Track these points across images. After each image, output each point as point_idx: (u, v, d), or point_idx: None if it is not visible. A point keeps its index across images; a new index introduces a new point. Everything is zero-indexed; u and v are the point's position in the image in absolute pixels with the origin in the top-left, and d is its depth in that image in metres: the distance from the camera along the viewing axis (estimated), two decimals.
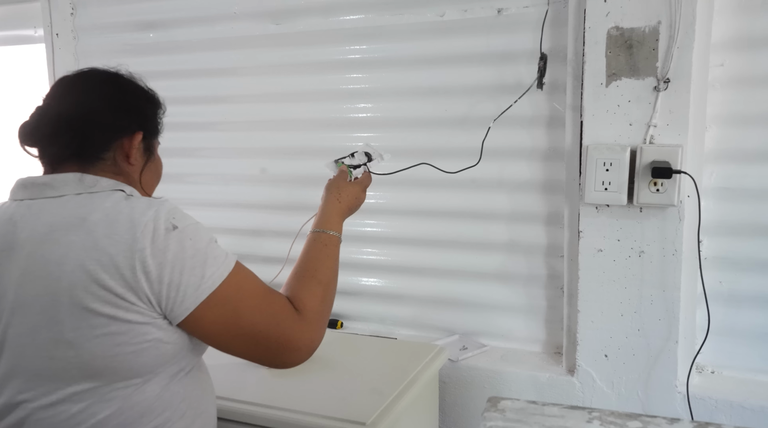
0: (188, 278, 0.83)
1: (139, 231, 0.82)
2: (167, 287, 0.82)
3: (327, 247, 1.05)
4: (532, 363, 1.54)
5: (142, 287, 0.81)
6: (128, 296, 0.81)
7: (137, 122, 0.96)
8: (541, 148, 1.50)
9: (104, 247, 0.81)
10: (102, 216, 0.84)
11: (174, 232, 0.83)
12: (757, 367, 1.39)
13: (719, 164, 1.35)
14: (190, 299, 0.83)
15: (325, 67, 1.67)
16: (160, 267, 0.81)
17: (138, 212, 0.84)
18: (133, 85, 0.99)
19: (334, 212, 1.12)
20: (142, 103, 0.98)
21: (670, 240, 1.31)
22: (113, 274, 0.81)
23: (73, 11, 1.95)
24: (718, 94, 1.32)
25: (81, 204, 0.86)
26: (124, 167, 0.95)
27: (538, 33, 1.45)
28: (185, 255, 0.83)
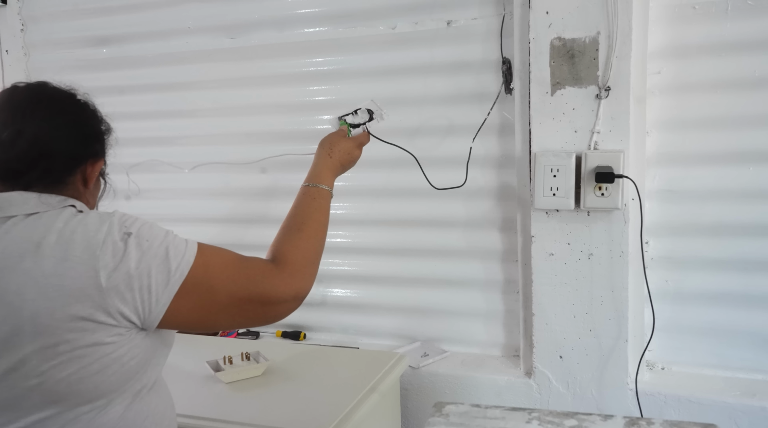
0: (156, 277, 0.83)
1: (99, 249, 0.81)
2: (139, 292, 0.82)
3: (315, 200, 1.06)
4: (492, 367, 1.57)
5: (113, 303, 0.81)
6: (96, 317, 0.80)
7: (101, 149, 0.95)
8: (494, 155, 1.54)
9: (64, 272, 0.80)
10: (56, 239, 0.82)
11: (130, 239, 0.83)
12: (704, 362, 1.44)
13: (661, 168, 1.40)
14: (165, 296, 0.83)
15: (281, 80, 1.69)
16: (127, 277, 0.81)
17: (92, 230, 0.83)
18: (91, 109, 0.96)
19: (324, 166, 1.12)
20: (102, 128, 0.97)
21: (616, 242, 1.36)
22: (78, 297, 0.79)
23: (24, 27, 1.92)
24: (657, 100, 1.37)
25: (32, 227, 0.84)
26: (76, 190, 0.93)
27: (488, 43, 1.49)
28: (146, 256, 0.83)
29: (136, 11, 1.78)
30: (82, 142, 0.92)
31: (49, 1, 1.88)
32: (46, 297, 0.79)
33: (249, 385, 1.35)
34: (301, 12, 1.64)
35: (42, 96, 0.92)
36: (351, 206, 1.69)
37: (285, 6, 1.65)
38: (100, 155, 0.95)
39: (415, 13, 1.54)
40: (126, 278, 0.81)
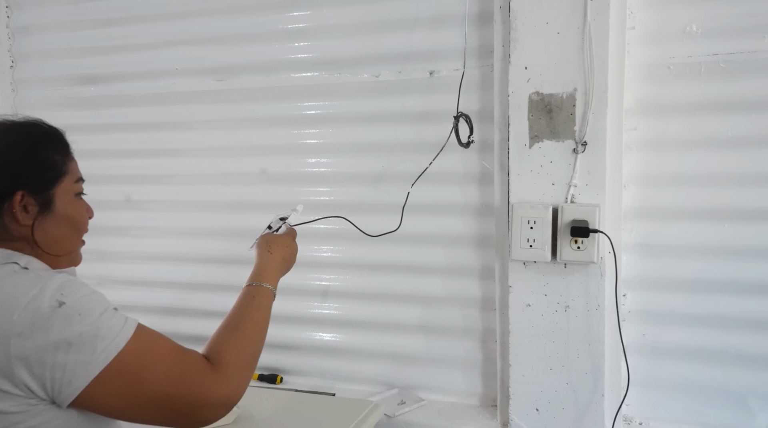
0: (76, 356, 0.78)
1: (17, 314, 0.77)
2: (51, 369, 0.77)
3: (255, 299, 1.03)
4: (468, 418, 1.55)
5: (19, 373, 0.77)
6: (3, 386, 0.77)
7: (12, 183, 0.88)
8: (473, 204, 1.55)
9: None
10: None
11: (60, 309, 0.78)
12: (681, 418, 1.43)
13: (638, 221, 1.41)
14: (80, 378, 0.78)
15: (267, 123, 1.71)
16: (41, 351, 0.77)
17: (19, 292, 0.79)
18: (5, 141, 0.90)
19: (266, 264, 1.11)
20: (15, 158, 0.89)
21: (593, 295, 1.36)
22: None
23: (13, 64, 1.94)
24: (634, 155, 1.39)
25: None
26: (16, 230, 0.88)
27: (468, 94, 1.51)
28: (72, 332, 0.78)
29: (124, 52, 1.81)
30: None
31: (40, 40, 1.91)
32: None
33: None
34: (288, 58, 1.67)
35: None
36: (330, 249, 1.69)
37: (272, 52, 1.68)
38: (17, 189, 0.87)
39: (399, 62, 1.56)
40: (38, 351, 0.76)
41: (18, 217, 0.87)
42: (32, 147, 0.91)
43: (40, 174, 0.90)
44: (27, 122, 0.94)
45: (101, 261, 1.89)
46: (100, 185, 1.84)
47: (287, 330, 1.75)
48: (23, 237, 0.89)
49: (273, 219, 1.27)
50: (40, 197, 0.90)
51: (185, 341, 1.89)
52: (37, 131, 0.94)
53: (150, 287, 1.88)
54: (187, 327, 1.82)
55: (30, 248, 0.90)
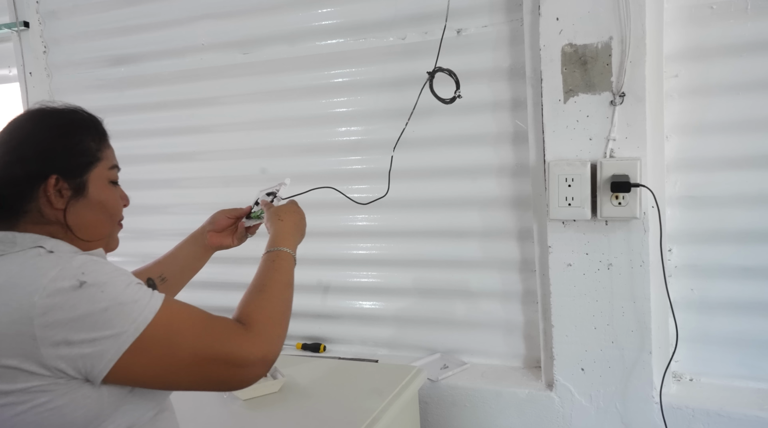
0: (102, 332, 0.78)
1: (38, 296, 0.77)
2: (80, 347, 0.77)
3: (275, 262, 1.05)
4: (512, 379, 1.54)
5: (47, 354, 0.77)
6: (26, 366, 0.77)
7: (47, 166, 0.88)
8: (508, 164, 1.51)
9: (1, 317, 0.77)
10: (5, 281, 0.79)
11: (81, 288, 0.78)
12: (733, 373, 1.39)
13: (682, 173, 1.36)
14: (111, 352, 0.78)
15: (295, 94, 1.69)
16: (67, 330, 0.77)
17: (40, 274, 0.79)
18: (44, 124, 0.92)
19: (279, 230, 1.12)
20: (52, 140, 0.90)
21: (636, 252, 1.32)
22: (9, 344, 0.76)
23: (46, 50, 1.97)
24: (676, 104, 1.33)
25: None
26: (51, 214, 0.89)
27: (499, 52, 1.46)
28: (96, 308, 0.78)
29: (151, 30, 1.81)
30: (19, 167, 0.87)
31: (69, 24, 1.93)
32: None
33: (266, 402, 1.36)
34: (312, 25, 1.64)
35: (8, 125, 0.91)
36: (366, 217, 1.69)
37: (296, 20, 1.65)
38: (51, 173, 0.88)
39: (424, 23, 1.52)
40: (64, 330, 0.77)
41: (52, 200, 0.88)
42: (68, 132, 0.92)
43: (75, 159, 0.91)
44: (64, 109, 0.95)
45: (144, 240, 1.93)
46: (137, 165, 1.88)
47: (328, 300, 1.76)
48: (56, 221, 0.90)
49: (259, 195, 1.25)
50: (73, 181, 0.90)
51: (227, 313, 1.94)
52: (73, 117, 0.95)
53: None
54: (228, 300, 1.85)
55: (63, 232, 0.90)
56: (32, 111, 0.93)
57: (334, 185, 1.66)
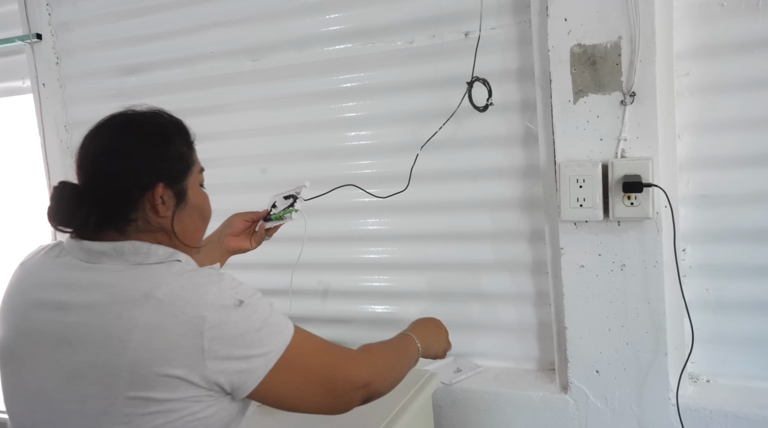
0: (256, 350, 0.83)
1: (207, 311, 0.80)
2: (237, 362, 0.81)
3: (403, 340, 1.15)
4: (526, 382, 1.53)
5: (208, 366, 0.80)
6: (191, 377, 0.80)
7: (155, 175, 0.89)
8: (518, 166, 1.51)
9: (170, 327, 0.79)
10: (166, 293, 0.81)
11: (241, 307, 0.83)
12: (751, 374, 1.37)
13: (695, 172, 1.34)
14: (260, 370, 0.83)
15: (305, 99, 1.70)
16: (230, 346, 0.81)
17: (203, 290, 0.82)
18: (144, 131, 0.91)
19: (418, 327, 1.23)
20: (157, 149, 0.90)
21: (650, 252, 1.31)
22: (178, 355, 0.79)
23: (59, 61, 2.00)
24: (687, 103, 1.32)
25: (142, 277, 0.84)
26: (156, 221, 0.90)
27: (507, 53, 1.46)
28: (251, 328, 0.83)
29: (160, 39, 1.83)
30: (127, 177, 0.88)
31: (80, 35, 1.95)
32: (149, 349, 0.79)
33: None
34: (320, 31, 1.65)
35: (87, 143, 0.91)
36: (379, 222, 1.69)
37: (303, 27, 1.66)
38: (157, 181, 0.89)
39: (432, 26, 1.52)
40: (226, 346, 0.80)
41: (158, 208, 0.89)
42: (167, 138, 0.92)
43: (175, 166, 0.92)
44: (153, 113, 0.95)
45: None
46: None
47: (340, 304, 1.77)
48: (161, 229, 0.91)
49: (276, 198, 1.26)
50: (175, 188, 0.91)
51: None
52: (166, 122, 0.95)
53: None
54: None
55: (168, 240, 0.92)
56: (119, 117, 0.92)
57: (345, 189, 1.67)
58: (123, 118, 0.93)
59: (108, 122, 0.93)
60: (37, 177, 2.09)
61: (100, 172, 0.88)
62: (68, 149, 2.03)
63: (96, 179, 0.89)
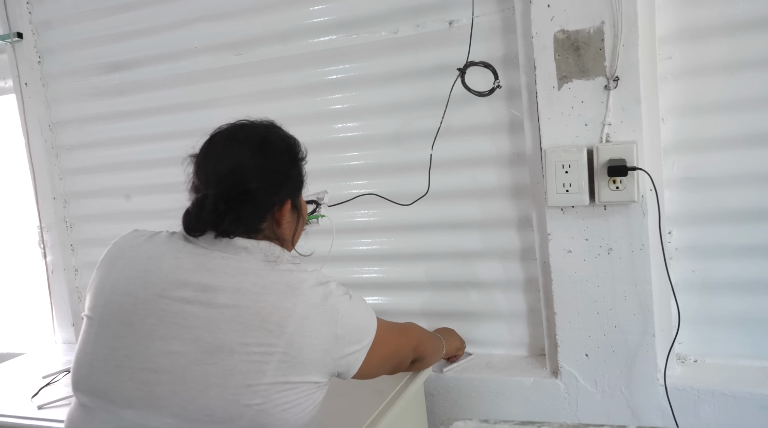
0: (366, 337, 0.99)
1: (337, 303, 0.95)
2: (354, 346, 0.97)
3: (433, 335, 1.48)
4: (518, 368, 1.54)
5: (339, 350, 0.95)
6: (325, 362, 0.94)
7: (285, 192, 1.02)
8: (505, 153, 1.51)
9: (315, 317, 0.93)
10: (308, 289, 0.94)
11: (352, 300, 0.98)
12: (737, 352, 1.39)
13: (679, 155, 1.36)
14: (363, 352, 0.99)
15: (291, 92, 1.70)
16: (352, 332, 0.96)
17: (326, 287, 0.97)
18: (278, 150, 1.03)
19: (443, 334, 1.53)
20: (288, 168, 1.04)
21: (636, 235, 1.32)
22: (322, 341, 0.93)
23: (41, 59, 1.98)
24: (671, 86, 1.33)
25: (285, 275, 0.96)
26: (278, 231, 1.02)
27: (491, 41, 1.47)
28: (361, 318, 0.99)
29: (144, 36, 1.82)
30: (264, 193, 0.99)
31: (62, 33, 1.94)
32: (302, 335, 0.91)
33: None
34: (305, 23, 1.64)
35: (225, 154, 1.01)
36: (365, 213, 1.69)
37: (288, 19, 1.65)
38: (287, 198, 1.02)
39: (416, 15, 1.52)
40: (351, 332, 0.96)
41: (282, 222, 1.01)
42: (294, 158, 1.06)
43: (297, 182, 1.06)
44: (275, 127, 1.08)
45: None
46: (138, 170, 1.89)
47: None
48: (280, 238, 1.03)
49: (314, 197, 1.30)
50: (295, 202, 1.05)
51: None
52: (293, 141, 1.08)
53: None
54: None
55: (280, 245, 1.03)
56: (260, 133, 1.04)
57: (333, 182, 1.67)
58: (256, 132, 1.04)
59: (240, 134, 1.03)
60: (23, 177, 2.07)
61: (238, 187, 0.97)
62: (53, 148, 2.02)
63: (234, 193, 0.96)
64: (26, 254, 2.17)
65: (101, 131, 1.94)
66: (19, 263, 2.23)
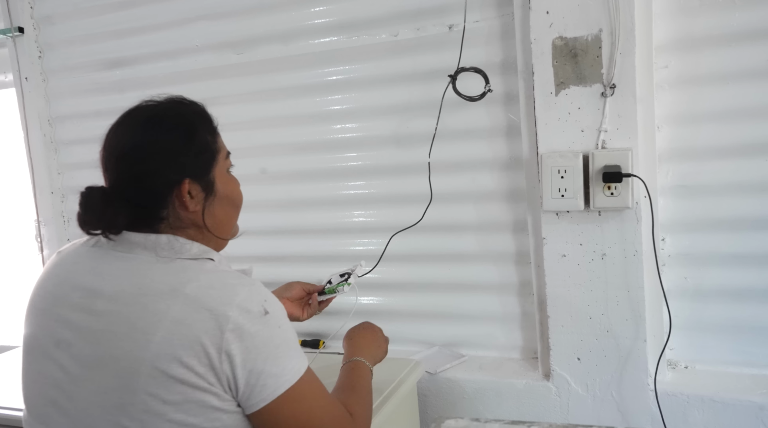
0: (271, 367, 0.80)
1: (232, 311, 0.78)
2: (248, 373, 0.79)
3: (356, 370, 1.09)
4: (510, 371, 1.56)
5: (224, 369, 0.78)
6: (208, 377, 0.78)
7: (181, 171, 0.87)
8: (501, 158, 1.53)
9: (192, 323, 0.77)
10: (195, 289, 0.80)
11: (266, 317, 0.80)
12: (727, 359, 1.41)
13: (674, 163, 1.37)
14: (269, 390, 0.80)
15: (290, 92, 1.70)
16: (247, 352, 0.78)
17: (231, 290, 0.81)
18: (169, 126, 0.88)
19: (352, 346, 1.18)
20: (182, 144, 0.88)
21: (630, 241, 1.33)
22: (198, 353, 0.77)
23: (41, 54, 1.98)
24: (667, 95, 1.34)
25: (173, 272, 0.83)
26: (187, 217, 0.88)
27: (490, 46, 1.48)
28: (272, 343, 0.80)
29: (145, 33, 1.82)
30: (152, 178, 0.86)
31: (63, 28, 1.94)
32: (170, 344, 0.77)
33: None
34: (305, 24, 1.65)
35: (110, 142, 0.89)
36: (362, 214, 1.70)
37: (289, 20, 1.66)
38: (183, 177, 0.87)
39: (416, 19, 1.53)
40: (244, 352, 0.78)
41: (187, 204, 0.87)
42: (189, 131, 0.89)
43: (200, 158, 0.89)
44: (173, 102, 0.92)
45: None
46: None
47: None
48: (193, 224, 0.89)
49: (333, 276, 1.30)
50: (203, 181, 0.89)
51: None
52: (188, 112, 0.92)
53: None
54: None
55: (201, 234, 0.90)
56: (142, 111, 0.90)
57: (331, 182, 1.68)
58: (143, 112, 0.90)
59: (128, 116, 0.90)
60: (21, 171, 2.07)
61: (126, 172, 0.86)
62: (52, 143, 2.02)
63: (122, 180, 0.87)
64: (23, 248, 2.18)
65: (100, 127, 1.89)
66: (15, 256, 2.24)
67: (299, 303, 1.30)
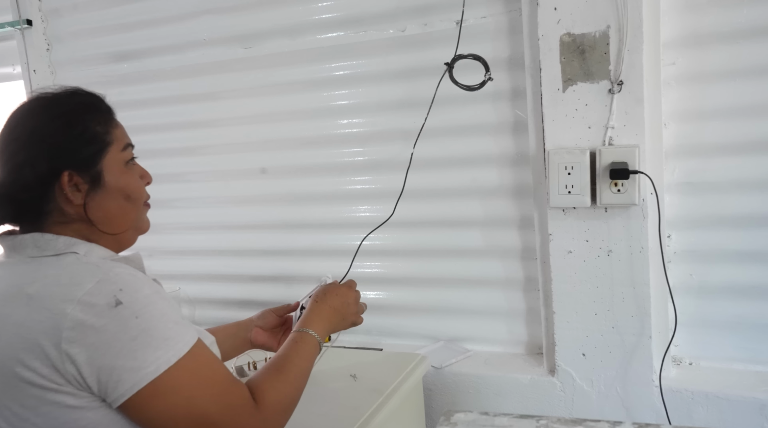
0: (125, 361, 0.73)
1: (71, 308, 0.73)
2: (98, 370, 0.73)
3: (298, 344, 1.00)
4: (515, 366, 1.56)
5: (68, 369, 0.73)
6: (55, 378, 0.74)
7: (57, 163, 0.83)
8: (508, 154, 1.53)
9: (31, 325, 0.74)
10: (38, 288, 0.76)
11: (117, 309, 0.74)
12: (733, 356, 1.41)
13: (681, 160, 1.37)
14: (126, 385, 0.74)
15: (297, 87, 1.71)
16: (93, 349, 0.72)
17: (76, 285, 0.75)
18: (44, 118, 0.84)
19: (312, 312, 1.09)
20: (60, 133, 0.84)
21: (636, 238, 1.34)
22: (38, 354, 0.73)
23: (49, 47, 1.99)
24: (674, 91, 1.34)
25: (26, 272, 0.79)
26: (72, 211, 0.85)
27: (498, 42, 1.48)
28: (126, 336, 0.73)
29: (153, 26, 1.83)
30: (30, 170, 0.81)
31: (71, 21, 1.95)
32: (12, 347, 0.74)
33: None
34: (313, 19, 1.65)
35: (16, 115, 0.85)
36: (368, 208, 1.71)
37: (296, 14, 1.66)
38: (62, 169, 0.83)
39: (424, 14, 1.53)
40: (88, 349, 0.73)
41: (69, 197, 0.84)
42: (71, 121, 0.85)
43: (84, 149, 0.85)
44: (63, 93, 0.88)
45: (150, 234, 1.95)
46: (142, 160, 1.90)
47: None
48: (80, 218, 0.85)
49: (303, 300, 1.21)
50: (87, 173, 0.85)
51: (234, 305, 1.93)
52: (73, 102, 0.87)
53: (198, 256, 1.95)
54: (235, 292, 1.89)
55: (89, 229, 0.86)
56: (30, 102, 0.87)
57: (336, 177, 1.69)
58: (28, 104, 0.87)
59: (17, 108, 0.87)
60: None
61: (6, 164, 0.83)
62: None
63: (3, 173, 0.83)
64: None
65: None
66: None
67: (274, 333, 1.25)
